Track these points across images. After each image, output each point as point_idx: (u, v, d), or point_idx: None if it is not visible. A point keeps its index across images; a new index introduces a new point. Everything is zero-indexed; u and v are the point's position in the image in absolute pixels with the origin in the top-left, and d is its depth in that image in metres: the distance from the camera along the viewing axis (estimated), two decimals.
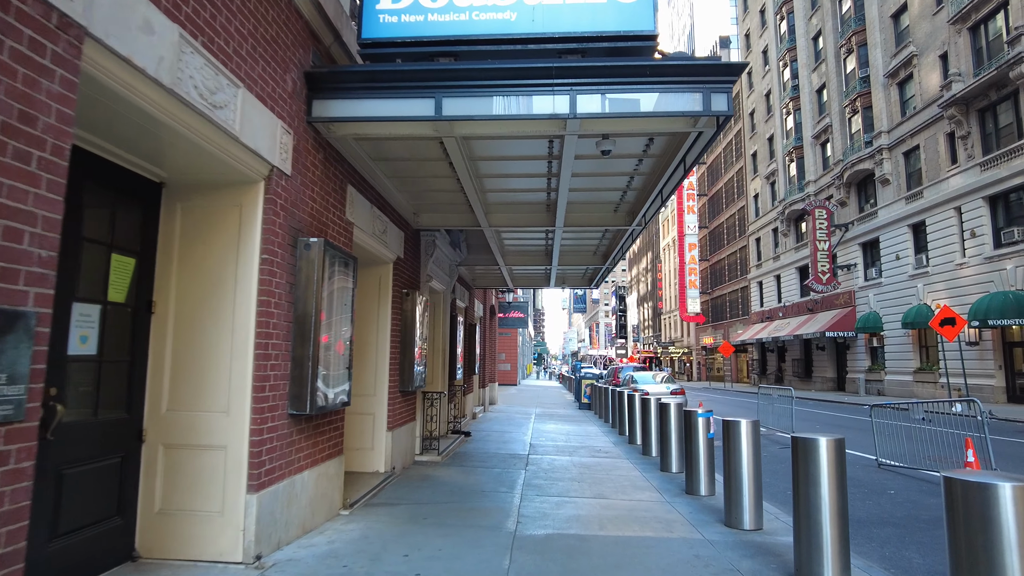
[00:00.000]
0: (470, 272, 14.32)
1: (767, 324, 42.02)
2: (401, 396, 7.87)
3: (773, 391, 13.40)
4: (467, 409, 14.03)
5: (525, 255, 11.63)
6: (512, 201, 7.93)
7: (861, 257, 31.15)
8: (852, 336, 30.97)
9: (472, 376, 14.73)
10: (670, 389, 17.49)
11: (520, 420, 15.32)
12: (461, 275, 13.28)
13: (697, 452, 6.84)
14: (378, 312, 7.50)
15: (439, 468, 8.13)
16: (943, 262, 24.48)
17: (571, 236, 9.95)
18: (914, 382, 26.20)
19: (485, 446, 10.40)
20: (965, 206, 23.28)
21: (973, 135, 22.96)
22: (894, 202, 27.90)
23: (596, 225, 8.35)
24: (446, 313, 10.87)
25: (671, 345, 72.67)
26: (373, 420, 7.39)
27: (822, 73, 35.12)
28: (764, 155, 44.33)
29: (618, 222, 8.31)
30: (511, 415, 16.75)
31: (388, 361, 7.44)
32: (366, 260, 7.27)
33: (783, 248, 40.54)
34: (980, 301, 21.21)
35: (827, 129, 34.37)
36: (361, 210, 6.25)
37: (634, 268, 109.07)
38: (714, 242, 58.40)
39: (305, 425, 4.86)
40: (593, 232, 9.59)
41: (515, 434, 12.24)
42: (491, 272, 14.45)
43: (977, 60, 23.01)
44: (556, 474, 7.90)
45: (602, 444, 11.00)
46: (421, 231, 8.86)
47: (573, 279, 14.70)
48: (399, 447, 7.75)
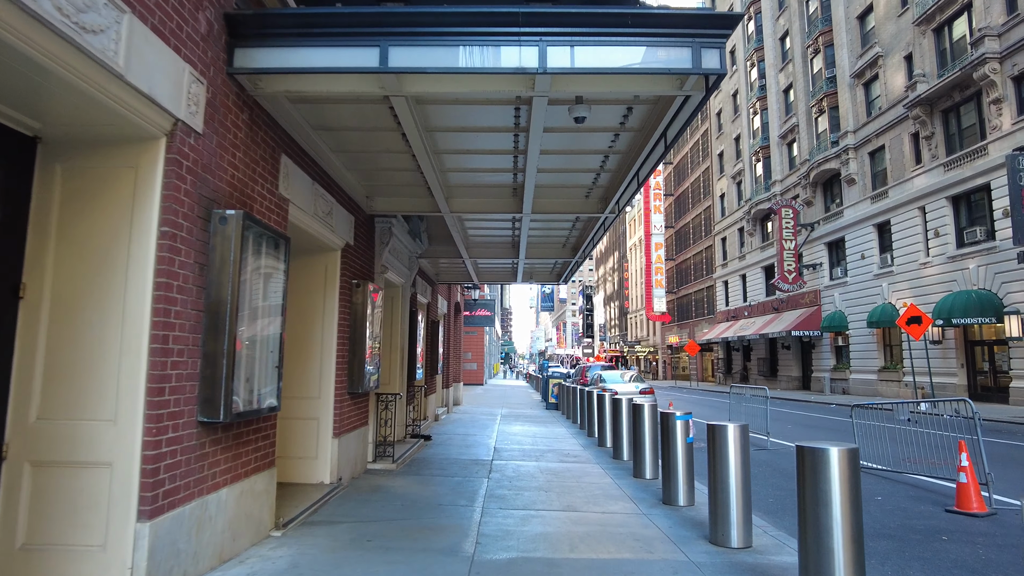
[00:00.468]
0: (433, 266, 13.56)
1: (733, 323, 42.20)
2: (350, 398, 7.08)
3: (746, 390, 12.99)
4: (428, 411, 13.27)
5: (491, 247, 10.93)
6: (475, 183, 7.22)
7: (827, 256, 31.35)
8: (818, 335, 31.14)
9: (434, 376, 13.97)
10: (639, 388, 17.01)
11: (485, 422, 14.61)
12: (423, 269, 12.51)
13: (675, 458, 6.24)
14: (324, 305, 6.71)
15: (393, 477, 7.37)
16: (907, 261, 24.66)
17: (539, 225, 9.29)
18: (879, 381, 26.37)
19: (446, 451, 9.66)
20: (929, 206, 23.46)
21: (937, 135, 23.14)
22: (860, 202, 28.08)
23: (566, 212, 7.70)
24: (405, 308, 10.10)
25: (637, 344, 72.90)
26: (317, 425, 6.59)
27: (789, 73, 35.30)
28: (731, 155, 44.53)
29: (590, 208, 7.68)
30: (476, 416, 16.04)
31: (335, 359, 6.66)
32: (308, 245, 6.47)
33: (749, 248, 40.74)
34: (944, 300, 21.35)
35: (794, 129, 34.56)
36: (300, 186, 5.46)
37: (601, 268, 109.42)
38: (680, 242, 58.67)
39: (222, 435, 4.07)
40: (563, 221, 8.94)
41: (479, 437, 11.53)
42: (455, 267, 13.71)
43: (941, 61, 23.21)
44: (522, 482, 7.22)
45: (570, 447, 10.38)
46: (376, 217, 8.07)
47: (541, 274, 14.07)
48: (347, 455, 6.96)
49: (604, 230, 8.81)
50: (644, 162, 5.93)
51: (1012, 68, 19.68)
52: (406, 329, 10.10)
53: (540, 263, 12.66)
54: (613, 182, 6.90)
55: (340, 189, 6.73)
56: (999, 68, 20.06)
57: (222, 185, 4.07)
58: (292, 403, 6.59)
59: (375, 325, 7.45)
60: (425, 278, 12.95)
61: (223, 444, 4.09)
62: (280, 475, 6.48)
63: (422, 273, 12.55)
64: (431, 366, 13.47)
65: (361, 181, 7.16)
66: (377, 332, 7.63)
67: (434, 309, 14.23)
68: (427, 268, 13.11)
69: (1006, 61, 19.87)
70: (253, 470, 4.52)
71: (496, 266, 13.33)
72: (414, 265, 10.36)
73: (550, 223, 9.24)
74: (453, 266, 13.60)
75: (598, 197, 7.54)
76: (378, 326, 7.66)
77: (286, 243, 4.67)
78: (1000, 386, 20.58)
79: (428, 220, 10.40)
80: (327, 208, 6.19)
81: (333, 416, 6.60)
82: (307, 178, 5.66)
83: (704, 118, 51.22)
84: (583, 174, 6.75)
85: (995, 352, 20.95)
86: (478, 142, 5.87)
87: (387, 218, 8.07)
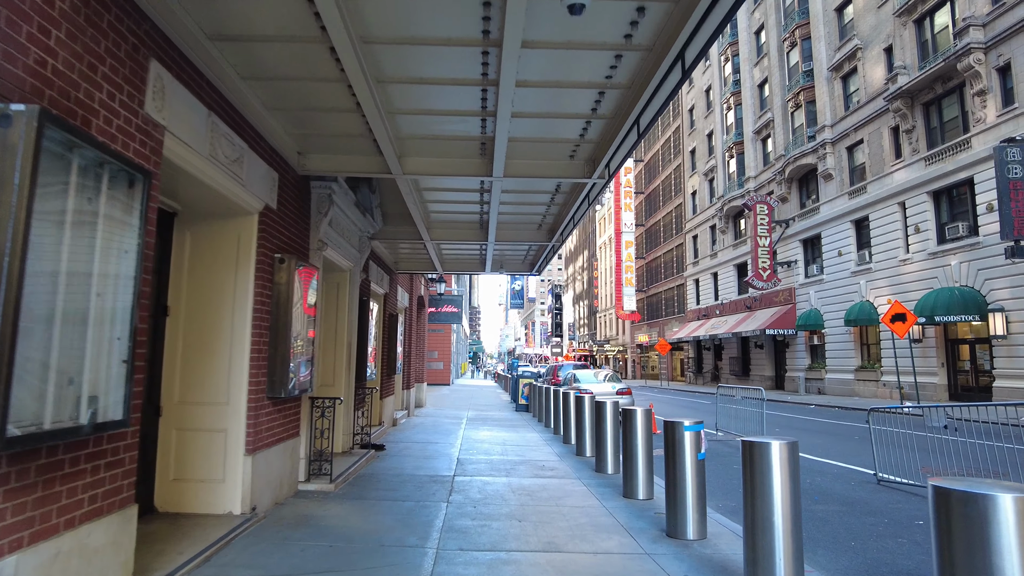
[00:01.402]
0: (391, 252, 12.06)
1: (704, 322, 41.55)
2: (272, 404, 5.58)
3: (735, 391, 11.85)
4: (385, 415, 11.76)
5: (456, 228, 9.50)
6: (434, 134, 5.79)
7: (802, 254, 30.75)
8: (792, 334, 30.52)
9: (392, 377, 12.47)
10: (616, 389, 15.78)
11: (449, 426, 13.17)
12: (378, 254, 11.00)
13: (683, 479, 4.93)
14: (235, 285, 5.20)
15: (328, 503, 5.89)
16: (886, 258, 24.06)
17: (512, 198, 7.91)
18: (856, 380, 25.76)
19: (401, 464, 8.20)
20: (909, 201, 22.87)
21: (918, 129, 22.55)
22: (837, 197, 27.47)
23: (547, 176, 6.32)
24: (353, 297, 8.60)
25: (606, 343, 72.19)
26: (225, 439, 5.08)
27: (764, 68, 34.69)
28: (703, 152, 43.89)
29: (575, 172, 6.32)
30: (439, 420, 14.57)
31: (249, 355, 5.16)
32: (209, 205, 4.95)
33: (721, 245, 40.11)
34: (926, 297, 20.71)
35: (769, 124, 33.94)
36: (186, 113, 3.96)
37: (570, 267, 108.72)
38: (650, 240, 58.03)
39: (8, 470, 2.56)
40: (540, 193, 7.58)
41: (441, 445, 10.09)
42: (417, 253, 12.23)
43: (922, 53, 22.63)
44: (489, 507, 5.83)
45: (545, 457, 9.02)
46: (312, 180, 6.58)
47: (512, 263, 12.69)
48: (267, 476, 5.46)
49: (588, 204, 7.47)
50: (651, 99, 4.59)
51: (997, 59, 19.09)
52: (354, 321, 8.60)
53: (511, 249, 11.28)
54: (607, 133, 5.55)
55: (257, 134, 5.22)
56: (984, 59, 19.46)
57: (17, 71, 2.56)
58: (191, 410, 5.06)
59: (309, 311, 5.96)
60: (381, 265, 11.45)
61: (14, 484, 2.58)
62: (175, 503, 4.96)
63: (377, 259, 11.05)
64: (388, 365, 11.97)
65: (289, 128, 5.67)
66: (315, 321, 6.14)
67: (393, 301, 12.73)
68: (384, 254, 11.61)
69: (991, 51, 19.28)
70: (84, 517, 3.01)
71: (463, 253, 11.91)
72: (365, 247, 8.86)
73: (525, 197, 7.87)
74: (414, 252, 12.13)
75: (585, 157, 6.19)
76: (315, 315, 6.17)
77: (145, 182, 3.18)
78: (982, 386, 20.01)
79: (383, 193, 8.92)
80: (234, 154, 4.69)
81: (246, 427, 5.10)
82: (200, 106, 4.16)
83: (676, 114, 50.60)
84: (570, 121, 5.38)
85: (977, 351, 20.38)
86: (434, 66, 4.44)
87: (326, 182, 6.58)
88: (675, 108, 51.24)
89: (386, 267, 11.96)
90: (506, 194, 7.56)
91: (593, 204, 7.41)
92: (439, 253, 11.81)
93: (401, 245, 11.37)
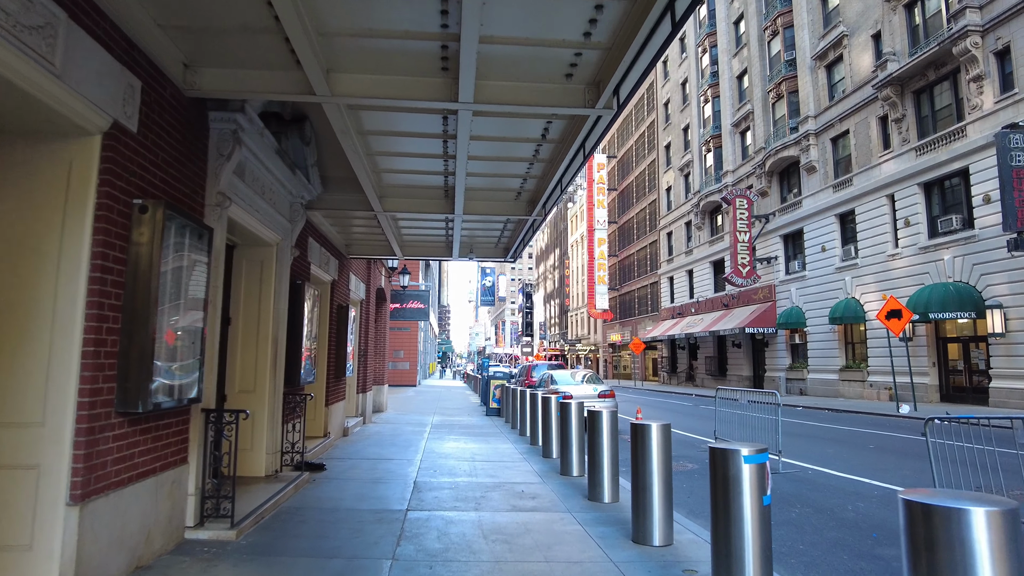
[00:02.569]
0: (341, 232, 10.22)
1: (679, 320, 40.46)
2: (127, 424, 3.76)
3: (742, 395, 10.35)
4: (332, 425, 9.92)
5: (415, 196, 7.72)
6: (375, 29, 4.02)
7: (782, 250, 29.73)
8: (772, 332, 29.46)
9: (342, 379, 10.62)
10: (598, 391, 14.17)
11: (410, 436, 11.38)
12: (322, 231, 9.16)
13: (741, 535, 3.30)
14: (60, 242, 3.38)
15: (220, 564, 4.09)
16: (874, 253, 23.05)
17: (485, 149, 6.18)
18: (840, 381, 24.74)
19: (340, 492, 6.41)
20: (899, 193, 21.87)
21: (908, 118, 21.56)
22: (820, 191, 26.45)
23: (532, 106, 4.62)
24: (282, 278, 6.77)
25: (578, 343, 70.96)
26: (36, 482, 3.26)
27: (744, 58, 33.65)
28: (679, 146, 42.81)
29: (572, 101, 4.63)
30: (400, 428, 12.77)
31: (80, 349, 3.35)
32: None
33: (696, 242, 39.05)
34: (919, 294, 19.67)
35: (748, 116, 32.89)
36: None
37: (541, 265, 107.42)
38: (623, 238, 56.89)
39: None
40: (523, 137, 5.87)
41: (397, 463, 8.32)
42: (372, 235, 10.42)
43: (913, 39, 21.65)
44: (452, 567, 4.11)
45: (524, 478, 7.34)
46: (209, 108, 4.75)
47: (484, 247, 10.97)
48: (116, 532, 3.64)
49: (584, 158, 5.80)
50: None
51: (995, 42, 18.12)
52: (283, 310, 6.77)
53: (483, 228, 9.57)
54: (624, 28, 3.87)
55: (94, 8, 3.40)
56: (981, 42, 18.48)
57: None
58: None
59: (188, 289, 4.15)
60: (327, 247, 9.62)
61: None
62: None
63: (321, 238, 9.21)
64: (335, 365, 10.14)
65: (163, 18, 3.86)
66: (198, 300, 4.32)
67: (343, 291, 10.88)
68: (331, 233, 9.76)
69: (989, 34, 18.30)
70: None
71: (426, 233, 10.14)
72: (299, 217, 7.04)
73: (502, 149, 6.16)
74: (369, 233, 10.31)
75: (587, 78, 4.51)
76: (202, 291, 4.35)
77: None
78: (976, 386, 19.05)
79: (321, 149, 7.11)
80: (33, 18, 2.87)
81: (73, 460, 3.29)
82: None
83: (651, 108, 49.51)
84: (570, 21, 3.69)
85: (971, 350, 19.42)
86: None
87: (229, 114, 4.77)
88: (650, 102, 50.15)
89: (334, 250, 10.11)
90: (478, 143, 5.83)
91: (589, 157, 5.74)
92: (397, 233, 10.02)
93: (353, 223, 9.56)
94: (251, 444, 6.37)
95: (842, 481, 7.79)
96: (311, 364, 7.72)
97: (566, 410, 7.63)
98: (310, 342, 7.63)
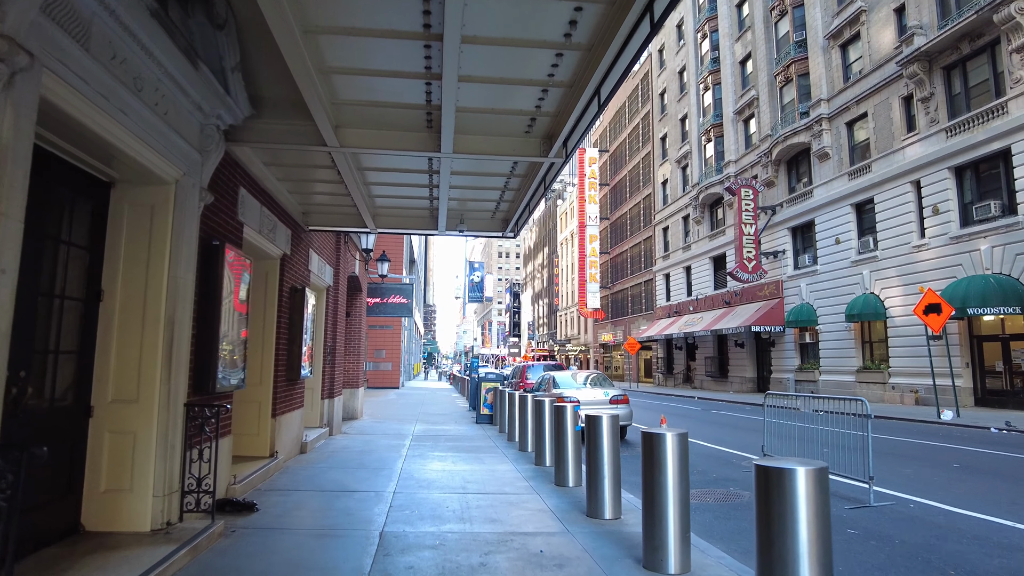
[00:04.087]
0: (295, 192, 8.01)
1: (676, 319, 38.57)
2: None
3: (805, 403, 8.33)
4: (281, 442, 7.71)
5: (385, 123, 5.51)
6: None
7: (791, 243, 27.88)
8: (780, 331, 27.60)
9: (296, 381, 8.40)
10: (608, 396, 12.07)
11: (385, 452, 9.21)
12: (258, 181, 6.93)
13: None
14: None
15: None
16: (896, 244, 21.22)
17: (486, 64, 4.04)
18: (857, 383, 22.89)
19: (263, 559, 4.23)
20: (925, 179, 20.05)
21: (937, 96, 19.74)
22: (834, 179, 24.62)
23: None
24: (183, 233, 4.58)
25: (568, 343, 68.95)
26: None
27: (747, 42, 31.82)
28: (676, 137, 40.94)
29: None
30: (373, 441, 10.59)
31: None
32: None
33: (695, 237, 37.19)
34: (953, 287, 17.84)
35: (752, 103, 31.05)
36: None
37: (529, 264, 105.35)
38: (616, 234, 54.96)
39: None
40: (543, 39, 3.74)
41: (360, 498, 6.15)
42: (337, 201, 8.24)
43: (943, 11, 19.85)
44: None
45: (538, 523, 5.22)
46: None
47: (477, 218, 8.81)
48: None
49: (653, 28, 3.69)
50: None
51: None
52: (186, 280, 4.58)
53: (477, 190, 7.42)
54: None
55: None
56: None
57: None
58: None
59: None
60: (274, 208, 7.42)
61: None
62: None
63: (263, 194, 7.02)
64: (287, 364, 7.94)
65: None
66: None
67: (300, 270, 8.67)
68: (279, 191, 7.55)
69: None
70: None
71: (403, 196, 7.96)
72: (214, 145, 4.85)
73: (518, 24, 4.02)
74: (334, 198, 8.11)
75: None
76: None
77: None
78: (1017, 388, 17.25)
79: (251, 54, 4.91)
80: None
81: None
82: None
83: (646, 99, 47.64)
84: None
85: (1012, 349, 17.61)
86: None
87: None
88: (644, 93, 48.28)
89: (285, 216, 7.91)
90: (472, 48, 3.69)
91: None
92: (368, 197, 7.84)
93: (310, 182, 7.37)
94: (129, 481, 4.18)
95: (967, 521, 5.76)
96: (238, 360, 5.51)
97: (595, 427, 5.51)
98: (235, 330, 5.43)
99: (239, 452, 6.98)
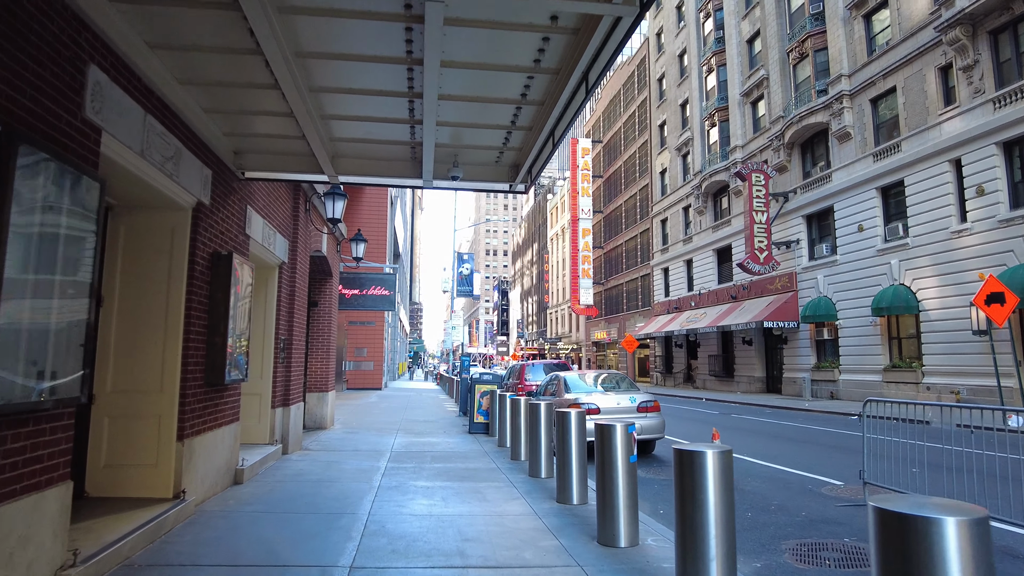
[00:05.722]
0: (224, 123, 5.61)
1: (676, 315, 36.46)
2: None
3: (946, 415, 6.11)
4: (191, 475, 5.31)
5: None
6: None
7: (805, 232, 25.82)
8: (794, 327, 25.54)
9: (227, 387, 6.02)
10: (637, 402, 9.79)
11: (350, 483, 6.85)
12: (151, 85, 4.55)
13: None
14: None
15: None
16: (931, 230, 19.19)
17: None
18: (884, 383, 20.83)
19: None
20: (967, 156, 18.01)
21: (983, 64, 17.71)
22: (856, 161, 22.57)
23: None
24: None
25: (558, 341, 66.72)
26: None
27: (755, 19, 29.73)
28: (675, 124, 38.83)
29: None
30: (340, 462, 8.20)
31: None
32: None
33: (697, 228, 35.11)
34: (1007, 276, 15.80)
35: (761, 84, 28.97)
36: None
37: (518, 261, 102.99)
38: (609, 228, 52.77)
39: None
40: None
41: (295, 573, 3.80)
42: (282, 128, 5.87)
43: None
44: None
45: None
46: None
47: (477, 162, 6.42)
48: None
49: None
50: None
51: None
52: None
53: (475, 118, 5.08)
54: None
55: None
56: None
57: None
58: None
59: None
60: (184, 135, 5.02)
61: None
62: None
63: (159, 107, 4.63)
64: (205, 362, 5.53)
65: None
66: None
67: (226, 228, 6.26)
68: (185, 102, 5.14)
69: None
70: None
71: (375, 123, 5.57)
72: None
73: None
74: (278, 124, 5.73)
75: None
76: None
77: None
78: None
79: None
80: None
81: None
82: None
83: (642, 86, 45.50)
84: None
85: None
86: None
87: None
88: (640, 79, 46.15)
89: (202, 148, 5.50)
90: None
91: None
92: (320, 120, 5.45)
93: (242, 87, 5.00)
94: None
95: None
96: (81, 351, 3.14)
97: (694, 470, 3.20)
98: (78, 303, 3.05)
99: (121, 492, 4.61)
